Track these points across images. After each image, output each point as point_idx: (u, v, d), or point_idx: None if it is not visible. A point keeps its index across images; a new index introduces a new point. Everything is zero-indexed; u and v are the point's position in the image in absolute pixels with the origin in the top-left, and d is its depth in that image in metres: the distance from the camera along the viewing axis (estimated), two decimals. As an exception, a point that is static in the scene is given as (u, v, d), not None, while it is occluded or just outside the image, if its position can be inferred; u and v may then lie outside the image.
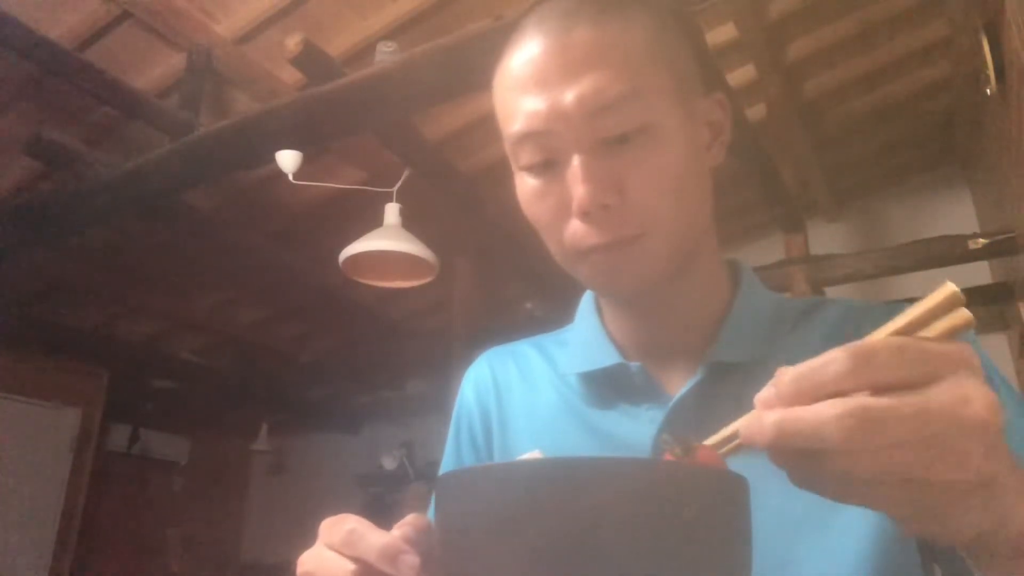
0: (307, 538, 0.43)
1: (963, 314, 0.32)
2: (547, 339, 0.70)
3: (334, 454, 5.46)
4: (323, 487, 5.36)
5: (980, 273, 3.39)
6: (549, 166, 0.53)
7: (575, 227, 0.52)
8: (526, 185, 0.55)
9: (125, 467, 4.92)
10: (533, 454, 0.46)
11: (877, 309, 0.57)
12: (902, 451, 0.30)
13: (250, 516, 5.76)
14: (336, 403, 5.36)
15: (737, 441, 0.35)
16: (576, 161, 0.51)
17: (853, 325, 0.56)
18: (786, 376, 0.32)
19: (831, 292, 3.24)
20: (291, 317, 4.44)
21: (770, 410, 0.32)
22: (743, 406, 0.51)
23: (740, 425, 0.34)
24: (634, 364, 0.58)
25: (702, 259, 0.58)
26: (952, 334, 0.32)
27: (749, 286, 0.61)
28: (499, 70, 0.56)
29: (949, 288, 0.32)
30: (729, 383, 0.54)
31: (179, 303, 4.11)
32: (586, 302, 0.67)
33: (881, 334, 0.33)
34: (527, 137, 0.52)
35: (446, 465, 0.69)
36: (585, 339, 0.63)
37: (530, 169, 0.54)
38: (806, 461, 0.31)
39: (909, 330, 0.33)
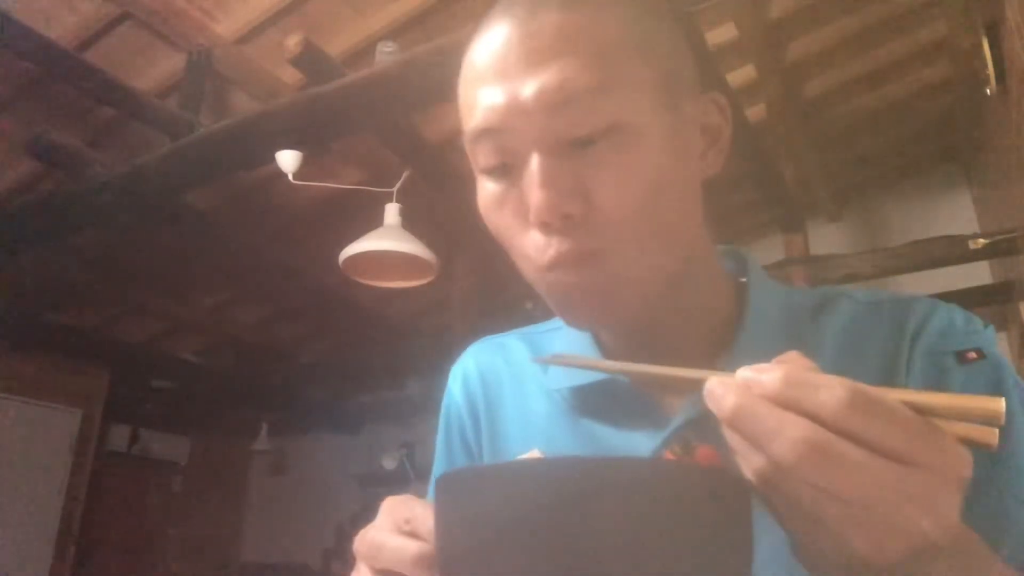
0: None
1: (989, 433, 0.30)
2: (537, 331, 0.65)
3: (334, 454, 5.47)
4: (323, 487, 5.36)
5: (980, 273, 3.39)
6: (508, 169, 0.47)
7: (535, 240, 0.46)
8: (484, 191, 0.49)
9: (125, 467, 4.93)
10: (532, 453, 0.46)
11: (890, 303, 0.54)
12: (834, 501, 0.30)
13: (250, 516, 5.77)
14: (336, 403, 5.36)
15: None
16: (534, 163, 0.45)
17: (869, 322, 0.53)
18: (779, 376, 0.31)
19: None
20: (291, 317, 4.44)
21: (743, 391, 0.32)
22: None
23: (710, 380, 0.33)
24: (620, 382, 0.53)
25: (696, 271, 0.53)
26: (967, 441, 0.31)
27: (758, 287, 0.55)
28: (464, 62, 0.50)
29: (998, 404, 0.30)
30: None
31: (179, 303, 4.12)
32: None
33: (898, 395, 0.31)
34: (484, 134, 0.47)
35: (438, 470, 0.65)
36: (572, 348, 0.58)
37: (488, 172, 0.48)
38: (746, 448, 0.32)
39: (930, 410, 0.31)
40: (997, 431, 0.31)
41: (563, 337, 0.60)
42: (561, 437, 0.56)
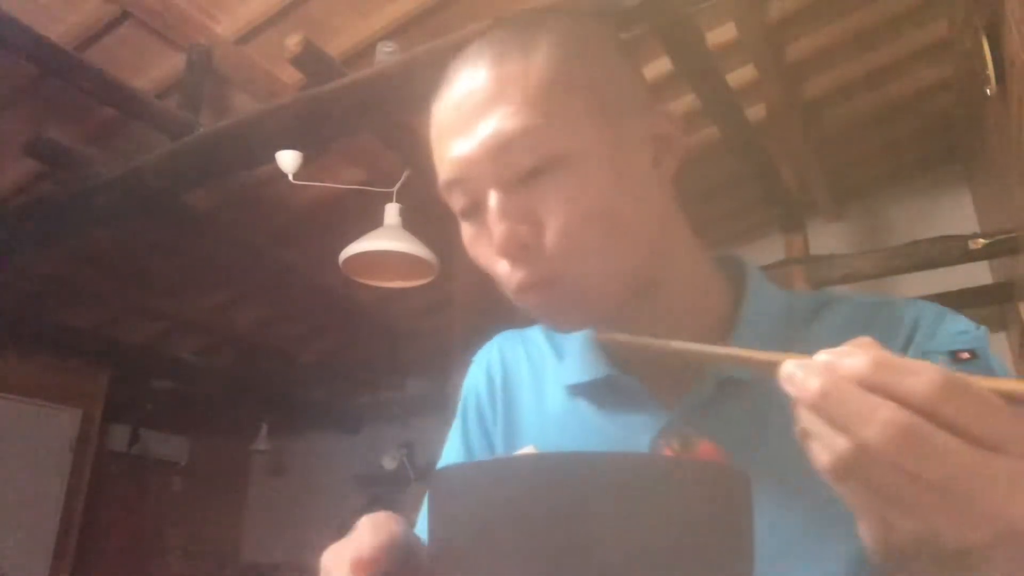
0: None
1: None
2: None
3: (334, 454, 5.46)
4: (323, 487, 5.35)
5: (980, 273, 3.39)
6: (476, 209, 0.53)
7: (504, 268, 0.52)
8: (464, 231, 0.56)
9: (125, 467, 4.92)
10: (527, 449, 0.46)
11: (884, 305, 0.56)
12: (921, 486, 0.30)
13: (250, 516, 5.76)
14: (336, 403, 5.36)
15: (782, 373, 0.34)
16: (491, 200, 0.51)
17: (862, 324, 0.54)
18: (867, 359, 0.32)
19: (831, 292, 3.24)
20: (291, 317, 4.44)
21: (828, 373, 0.32)
22: (749, 418, 0.49)
23: (787, 363, 0.33)
24: (625, 377, 0.57)
25: (672, 267, 0.56)
26: None
27: (756, 290, 0.58)
28: (431, 117, 0.56)
29: None
30: (733, 395, 0.53)
31: (179, 303, 4.11)
32: None
33: (987, 383, 0.32)
34: (450, 184, 0.54)
35: (449, 449, 0.68)
36: (579, 347, 0.62)
37: (463, 214, 0.55)
38: (828, 432, 0.32)
39: (1020, 399, 0.32)
40: None
41: (573, 341, 0.63)
42: (570, 431, 0.59)
